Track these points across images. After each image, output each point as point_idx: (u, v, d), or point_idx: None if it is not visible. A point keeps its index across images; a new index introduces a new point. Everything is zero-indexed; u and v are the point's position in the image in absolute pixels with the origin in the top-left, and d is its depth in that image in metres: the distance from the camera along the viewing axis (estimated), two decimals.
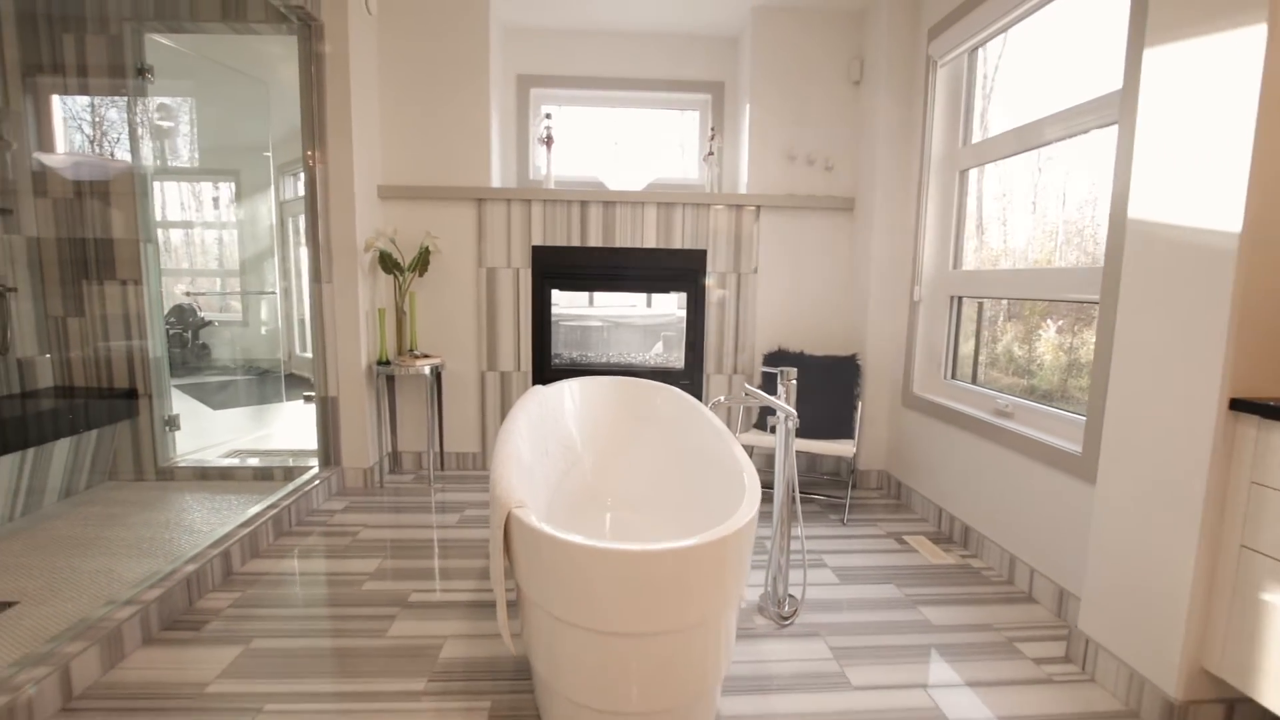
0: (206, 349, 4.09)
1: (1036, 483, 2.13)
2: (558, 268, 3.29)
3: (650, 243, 3.30)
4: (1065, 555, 1.99)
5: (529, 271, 3.28)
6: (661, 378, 3.20)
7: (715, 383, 3.38)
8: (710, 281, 3.33)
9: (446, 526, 2.63)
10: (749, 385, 2.14)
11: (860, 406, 3.03)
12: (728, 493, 1.62)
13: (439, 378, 3.32)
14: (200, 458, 3.28)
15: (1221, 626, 1.40)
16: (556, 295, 3.41)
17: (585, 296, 3.77)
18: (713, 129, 3.51)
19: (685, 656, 1.24)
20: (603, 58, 3.53)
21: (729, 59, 3.56)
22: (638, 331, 3.77)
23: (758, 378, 3.34)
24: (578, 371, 3.38)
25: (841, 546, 2.51)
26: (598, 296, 3.79)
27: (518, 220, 3.25)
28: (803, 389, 3.06)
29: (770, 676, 1.66)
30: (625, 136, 3.71)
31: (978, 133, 2.73)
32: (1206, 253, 1.38)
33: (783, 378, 1.97)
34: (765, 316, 3.36)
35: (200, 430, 3.47)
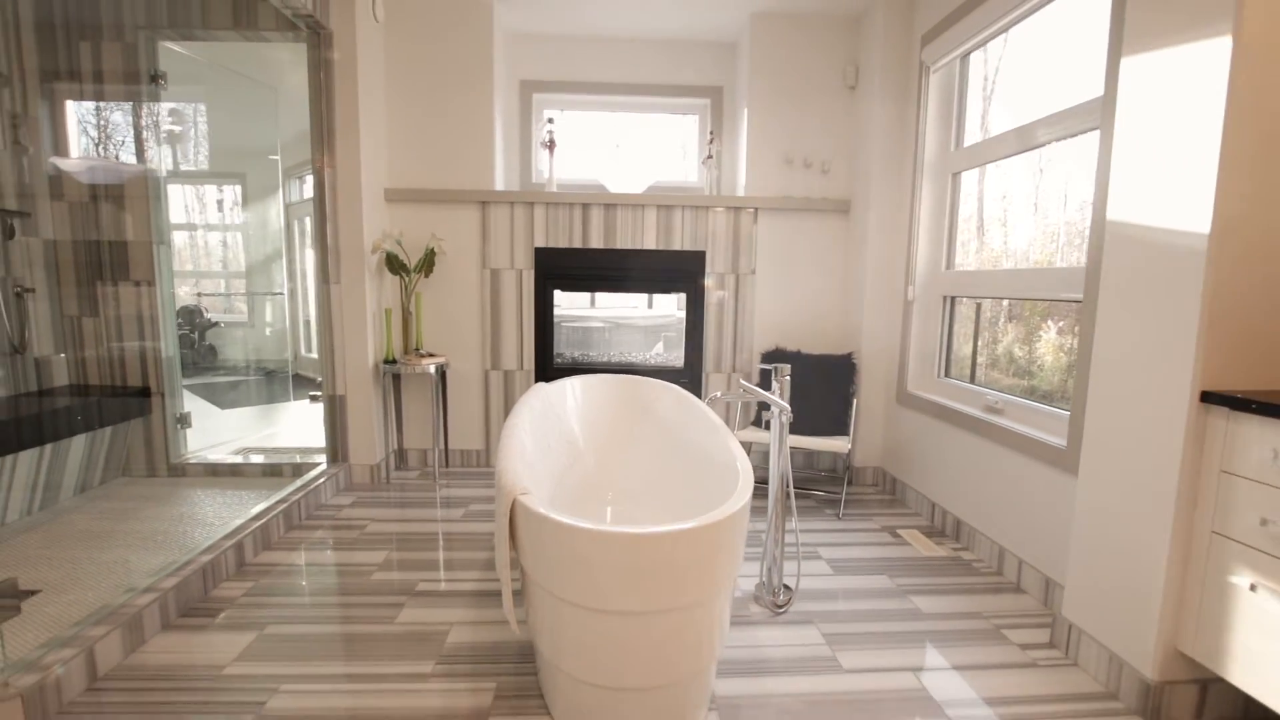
0: (213, 350, 4.16)
1: (1024, 476, 2.19)
2: (560, 269, 3.36)
3: (650, 244, 3.37)
4: (1051, 546, 2.06)
5: (532, 273, 3.36)
6: (662, 376, 3.26)
7: (714, 381, 3.45)
8: (709, 282, 3.40)
9: (451, 521, 2.70)
10: (744, 381, 2.21)
11: (855, 404, 3.10)
12: (724, 485, 1.69)
13: (444, 376, 3.39)
14: (210, 455, 3.35)
15: (1194, 610, 1.46)
16: (559, 296, 3.48)
17: (587, 298, 3.84)
18: (711, 133, 3.58)
19: (681, 635, 1.31)
20: (603, 63, 3.61)
21: (727, 64, 3.63)
22: (639, 332, 3.84)
23: (756, 376, 3.41)
24: (580, 370, 3.45)
25: (837, 540, 2.57)
26: (599, 298, 3.86)
27: (521, 222, 3.32)
28: (799, 387, 3.12)
29: (764, 660, 1.73)
30: (626, 140, 3.79)
31: (979, 133, 2.77)
32: (1178, 253, 1.45)
33: (777, 374, 2.03)
34: (763, 316, 3.42)
35: (208, 429, 3.55)
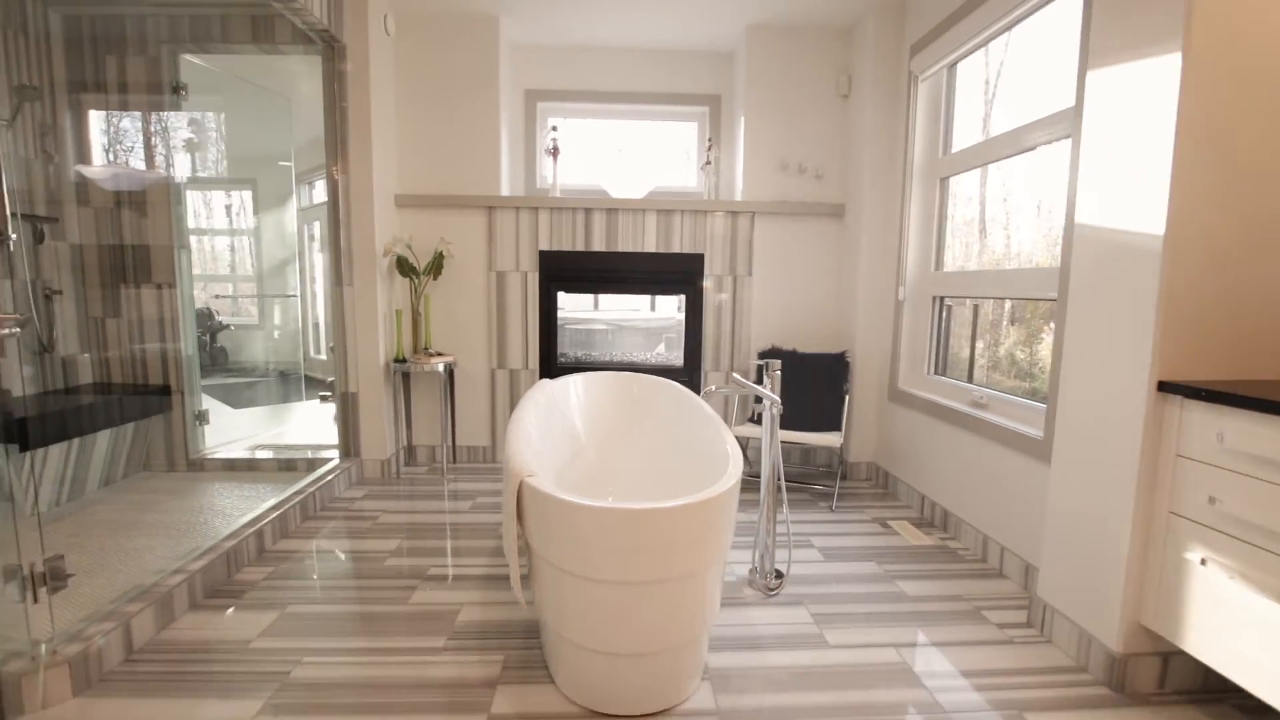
0: (224, 351, 4.30)
1: (1006, 467, 2.30)
2: (563, 271, 3.49)
3: (651, 247, 3.49)
4: (1030, 532, 2.16)
5: (536, 275, 3.48)
6: (662, 375, 3.38)
7: (713, 379, 3.56)
8: (708, 284, 3.51)
9: (460, 512, 2.82)
10: (736, 375, 2.32)
11: (848, 401, 3.21)
12: (717, 473, 1.80)
13: (451, 375, 3.52)
14: (227, 452, 3.48)
15: (1155, 586, 1.57)
16: (563, 300, 3.60)
17: (590, 301, 3.96)
18: (710, 139, 3.70)
19: (674, 605, 1.42)
20: (605, 72, 3.74)
21: (725, 73, 3.76)
22: (640, 334, 3.96)
23: (753, 373, 3.52)
24: (583, 369, 3.57)
25: (829, 530, 2.68)
26: (602, 301, 3.98)
27: (525, 226, 3.45)
28: (795, 384, 3.24)
29: (755, 637, 1.84)
30: (627, 146, 3.91)
31: (981, 135, 2.84)
32: (1137, 253, 1.56)
33: (768, 369, 2.15)
34: (760, 316, 3.54)
35: (222, 427, 3.67)
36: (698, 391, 3.56)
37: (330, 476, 2.97)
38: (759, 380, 3.42)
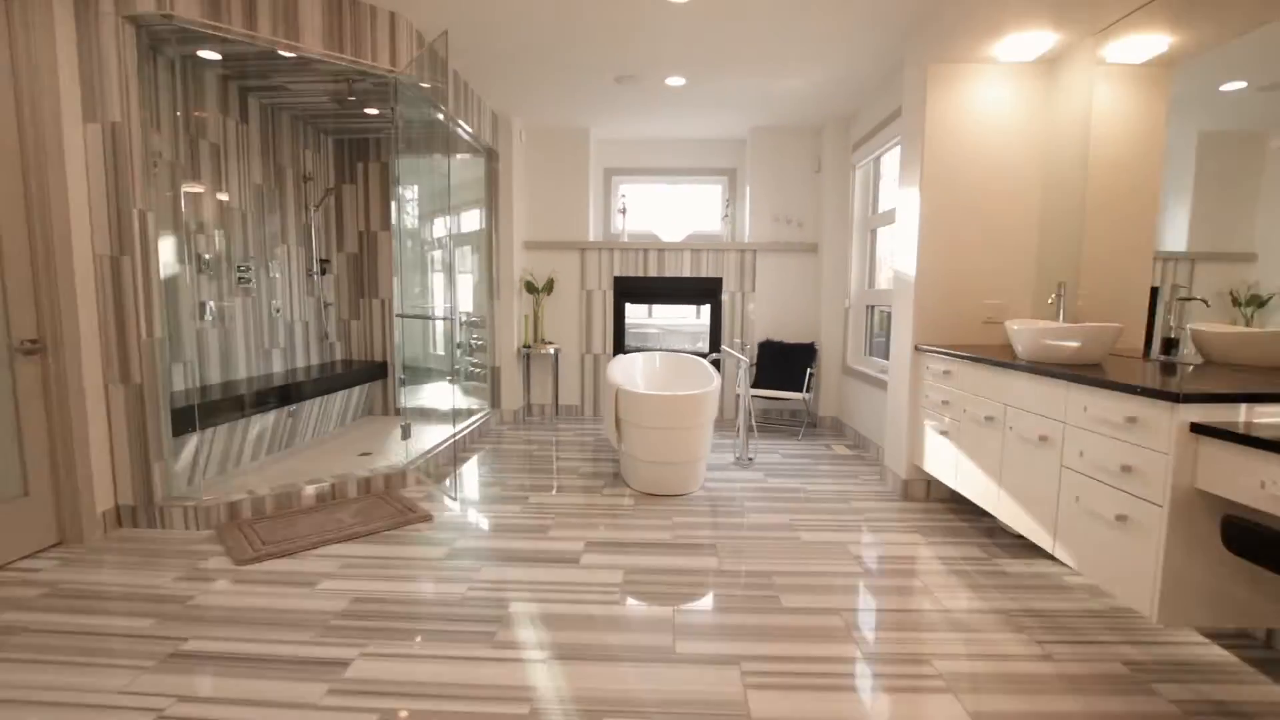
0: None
1: (881, 401, 3.95)
2: (629, 289, 5.31)
3: (687, 273, 5.28)
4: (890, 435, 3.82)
5: (611, 292, 5.32)
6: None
7: (727, 360, 5.30)
8: (724, 297, 5.26)
9: (564, 443, 4.67)
10: (725, 347, 4.06)
11: (812, 373, 4.89)
12: (707, 387, 3.55)
13: (557, 357, 5.39)
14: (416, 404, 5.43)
15: (918, 443, 3.23)
16: (629, 309, 5.43)
17: (646, 310, 5.77)
18: (727, 199, 5.47)
19: (689, 439, 3.19)
20: (658, 154, 5.57)
21: (738, 154, 5.52)
22: (682, 336, 5.73)
23: (754, 355, 5.24)
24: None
25: (791, 450, 4.38)
26: (654, 310, 5.79)
27: (605, 260, 5.29)
28: (780, 362, 4.95)
29: (730, 479, 3.58)
30: (672, 204, 5.72)
31: (892, 204, 4.56)
32: (908, 282, 3.24)
33: (744, 346, 3.89)
34: (759, 319, 5.26)
35: (412, 389, 5.64)
36: (717, 368, 5.31)
37: (483, 419, 4.87)
38: (761, 358, 5.14)
